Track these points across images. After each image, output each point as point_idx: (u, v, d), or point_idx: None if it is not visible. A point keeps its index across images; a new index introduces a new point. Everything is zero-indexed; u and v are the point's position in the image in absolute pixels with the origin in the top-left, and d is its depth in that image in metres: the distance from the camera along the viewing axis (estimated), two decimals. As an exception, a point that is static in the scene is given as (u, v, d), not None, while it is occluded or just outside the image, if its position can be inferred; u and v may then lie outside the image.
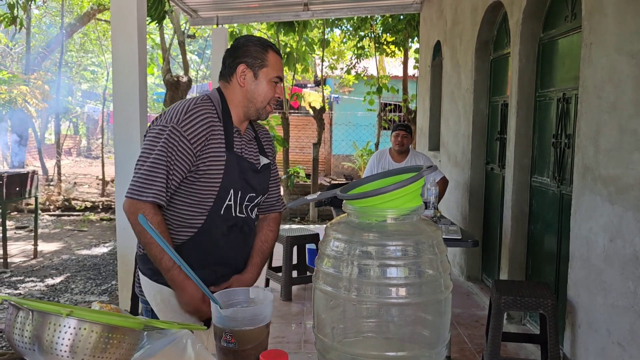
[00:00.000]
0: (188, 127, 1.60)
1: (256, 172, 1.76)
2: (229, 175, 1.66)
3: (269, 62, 1.72)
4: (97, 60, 18.53)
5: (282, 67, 1.79)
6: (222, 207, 1.68)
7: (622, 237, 2.48)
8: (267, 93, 1.73)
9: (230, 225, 1.71)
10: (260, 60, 1.71)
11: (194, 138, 1.60)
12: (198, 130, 1.61)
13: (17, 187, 5.98)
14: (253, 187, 1.75)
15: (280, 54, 1.80)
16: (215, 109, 1.69)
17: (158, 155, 1.59)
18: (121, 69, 3.89)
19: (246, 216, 1.76)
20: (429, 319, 1.20)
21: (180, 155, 1.59)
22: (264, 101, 1.73)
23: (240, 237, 1.76)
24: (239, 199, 1.71)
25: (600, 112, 2.68)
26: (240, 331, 1.23)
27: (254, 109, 1.74)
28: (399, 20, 9.35)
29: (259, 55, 1.71)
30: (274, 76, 1.73)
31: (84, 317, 0.83)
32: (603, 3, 2.67)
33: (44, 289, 5.46)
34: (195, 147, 1.61)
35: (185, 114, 1.61)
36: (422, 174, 1.15)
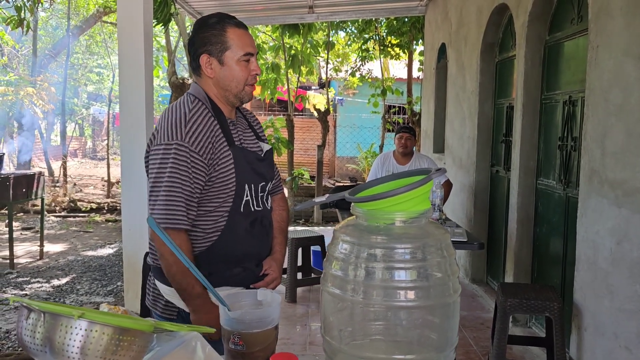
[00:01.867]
0: (193, 140, 1.53)
1: (261, 160, 1.72)
2: (240, 170, 1.61)
3: (231, 41, 1.59)
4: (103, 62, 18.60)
5: (251, 41, 1.64)
6: (242, 204, 1.63)
7: (629, 240, 2.47)
8: (239, 76, 1.62)
9: (252, 220, 1.67)
10: (220, 44, 1.59)
11: (202, 149, 1.54)
12: (203, 139, 1.55)
13: (23, 188, 6.01)
14: (263, 176, 1.71)
15: (244, 25, 1.66)
16: (207, 107, 1.62)
17: (171, 179, 1.51)
18: (127, 71, 3.90)
19: (263, 208, 1.72)
20: (437, 322, 1.20)
21: (193, 172, 1.53)
22: (238, 85, 1.63)
23: (263, 231, 1.73)
24: (253, 192, 1.66)
25: (607, 115, 2.67)
26: (248, 333, 1.24)
27: (232, 95, 1.64)
28: (404, 22, 9.35)
29: (218, 38, 1.59)
30: (241, 55, 1.60)
31: (95, 319, 0.83)
32: (610, 5, 2.67)
33: (50, 289, 5.48)
34: (205, 157, 1.55)
35: (185, 126, 1.53)
36: (431, 177, 1.15)
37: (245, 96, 1.66)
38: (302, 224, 9.12)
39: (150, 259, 1.72)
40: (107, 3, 11.33)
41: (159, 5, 5.62)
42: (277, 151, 9.22)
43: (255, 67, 1.65)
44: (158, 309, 1.69)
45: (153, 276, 1.71)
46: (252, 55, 1.63)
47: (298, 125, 12.92)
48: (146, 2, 3.87)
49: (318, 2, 6.70)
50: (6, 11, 7.90)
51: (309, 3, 6.64)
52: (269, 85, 9.58)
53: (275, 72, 9.46)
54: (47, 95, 10.48)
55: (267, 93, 9.72)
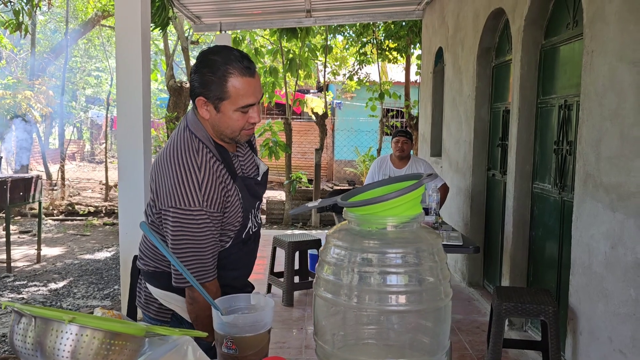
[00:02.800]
0: (209, 203, 1.50)
1: (259, 184, 1.72)
2: (245, 200, 1.62)
3: (231, 91, 1.49)
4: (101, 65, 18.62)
5: (253, 89, 1.52)
6: (245, 230, 1.67)
7: (624, 244, 2.48)
8: (234, 125, 1.54)
9: (246, 239, 1.71)
10: (218, 92, 1.50)
11: (217, 206, 1.53)
12: (217, 197, 1.52)
13: (20, 191, 6.01)
14: (258, 197, 1.73)
15: (251, 71, 1.52)
16: (209, 149, 1.55)
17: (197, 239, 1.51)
18: (125, 75, 3.91)
19: (257, 226, 1.77)
20: (429, 326, 1.20)
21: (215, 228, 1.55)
22: (233, 132, 1.56)
23: (253, 246, 1.78)
24: (252, 215, 1.69)
25: (602, 120, 2.69)
26: (241, 337, 1.24)
27: (227, 137, 1.59)
28: (401, 26, 9.38)
29: (217, 86, 1.49)
30: (240, 106, 1.51)
31: (86, 324, 0.84)
32: (605, 11, 2.69)
33: (47, 293, 5.47)
34: (220, 209, 1.54)
35: (199, 191, 1.49)
36: (422, 182, 1.16)
37: (241, 139, 1.61)
38: (300, 228, 9.12)
39: (140, 263, 1.73)
40: (106, 7, 11.35)
41: (157, 9, 5.63)
42: (274, 155, 9.24)
43: (254, 115, 1.56)
44: (151, 312, 1.71)
45: (145, 280, 1.72)
46: (253, 105, 1.54)
47: (296, 128, 12.94)
48: (143, 6, 3.88)
49: (316, 6, 6.72)
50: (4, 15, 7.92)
51: (306, 7, 6.66)
52: (267, 89, 9.60)
53: (273, 75, 9.47)
54: (45, 99, 10.49)
55: (265, 96, 9.73)
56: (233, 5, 6.53)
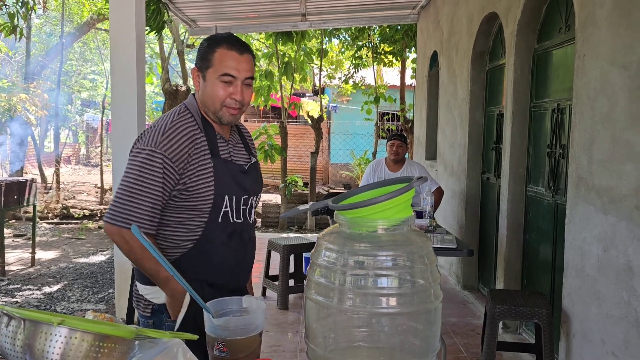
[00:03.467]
0: (167, 147, 1.57)
1: (245, 172, 1.73)
2: (220, 181, 1.63)
3: (215, 60, 1.62)
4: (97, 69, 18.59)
5: (237, 64, 1.62)
6: (220, 214, 1.65)
7: (616, 247, 2.49)
8: (215, 94, 1.63)
9: (230, 232, 1.69)
10: (206, 61, 1.63)
11: (175, 157, 1.57)
12: (178, 148, 1.58)
13: (15, 195, 5.99)
14: (245, 189, 1.71)
15: (240, 47, 1.64)
16: (194, 119, 1.66)
17: (137, 180, 1.56)
18: (119, 79, 3.91)
19: (244, 221, 1.73)
20: (420, 329, 1.21)
21: (161, 177, 1.56)
22: (214, 103, 1.64)
23: (241, 244, 1.74)
24: (234, 203, 1.68)
25: (594, 123, 2.71)
26: (233, 340, 1.24)
27: (210, 112, 1.66)
28: (397, 30, 9.41)
29: (206, 55, 1.63)
30: (220, 74, 1.61)
31: (75, 326, 0.84)
32: (596, 15, 2.71)
33: (41, 297, 5.45)
34: (178, 164, 1.58)
35: (162, 134, 1.58)
36: (412, 185, 1.16)
37: (223, 117, 1.66)
38: (295, 231, 9.12)
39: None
40: (101, 10, 11.34)
41: (152, 12, 5.64)
42: (270, 158, 9.23)
43: (237, 92, 1.63)
44: (140, 309, 1.74)
45: (135, 277, 1.76)
46: (234, 78, 1.62)
47: (292, 132, 12.95)
48: (138, 10, 3.89)
49: (311, 10, 6.74)
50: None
51: (302, 11, 6.68)
52: (263, 92, 9.60)
53: (269, 79, 9.48)
54: (40, 102, 10.45)
55: (261, 100, 9.73)
56: (228, 9, 6.55)
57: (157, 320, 1.70)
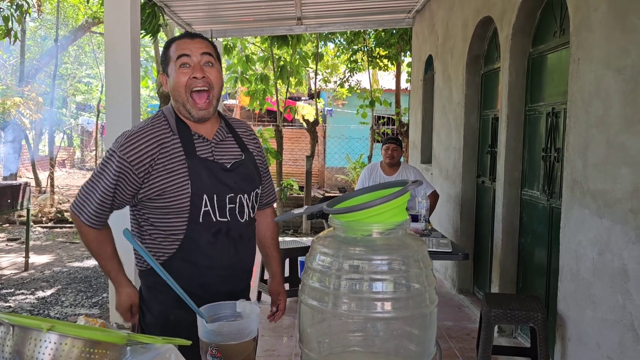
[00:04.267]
0: (128, 151, 1.61)
1: (228, 170, 1.71)
2: (197, 181, 1.63)
3: (171, 53, 1.67)
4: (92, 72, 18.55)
5: (188, 45, 1.66)
6: (200, 214, 1.65)
7: (611, 250, 2.49)
8: (177, 82, 1.65)
9: (215, 231, 1.68)
10: (166, 59, 1.70)
11: (134, 162, 1.61)
12: (138, 154, 1.61)
13: (8, 199, 5.95)
14: (229, 187, 1.70)
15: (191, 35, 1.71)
16: (168, 123, 1.68)
17: (96, 179, 1.66)
18: (114, 82, 3.90)
19: (230, 220, 1.70)
20: (415, 333, 1.20)
21: (114, 179, 1.62)
22: (180, 93, 1.65)
23: (229, 243, 1.71)
24: (216, 202, 1.67)
25: (589, 127, 2.71)
26: (226, 345, 1.23)
27: (182, 107, 1.67)
28: (392, 34, 9.43)
29: (164, 55, 1.71)
30: (174, 60, 1.66)
31: (65, 332, 0.83)
32: (590, 19, 2.72)
33: (35, 301, 5.41)
34: (138, 170, 1.61)
35: (127, 138, 1.63)
36: (406, 189, 1.16)
37: (192, 111, 1.67)
38: (291, 235, 9.10)
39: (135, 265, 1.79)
40: (96, 14, 11.32)
41: (148, 16, 5.63)
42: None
43: (197, 70, 1.64)
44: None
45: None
46: (188, 57, 1.64)
47: (287, 135, 12.94)
48: (133, 13, 3.88)
49: (306, 14, 6.74)
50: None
51: (297, 15, 6.68)
52: (258, 96, 9.60)
53: (264, 82, 9.48)
54: (34, 105, 10.42)
55: (256, 104, 9.73)
56: (224, 12, 6.54)
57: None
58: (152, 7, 5.64)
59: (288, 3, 6.10)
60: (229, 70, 9.76)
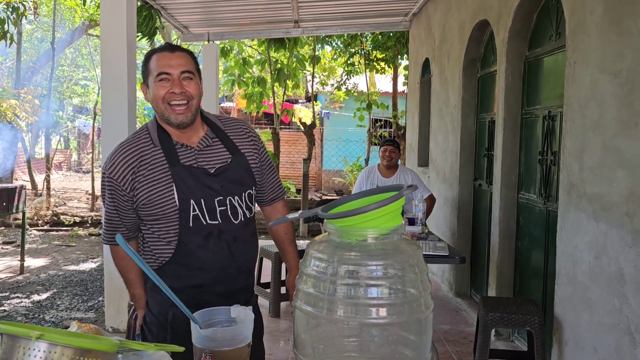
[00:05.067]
0: (112, 171, 1.70)
1: (212, 175, 1.71)
2: (182, 187, 1.67)
3: (151, 66, 1.70)
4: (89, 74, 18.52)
5: (168, 61, 1.68)
6: (189, 219, 1.68)
7: (607, 254, 2.49)
8: (156, 96, 1.69)
9: (206, 234, 1.70)
10: (145, 71, 1.73)
11: (119, 178, 1.69)
12: (120, 170, 1.69)
13: (4, 202, 5.92)
14: (216, 191, 1.70)
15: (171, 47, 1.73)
16: (148, 134, 1.74)
17: (105, 201, 1.77)
18: (110, 85, 3.89)
19: (222, 222, 1.71)
20: (410, 339, 1.19)
21: (117, 197, 1.72)
22: (159, 105, 1.69)
23: (222, 245, 1.72)
24: (204, 206, 1.68)
25: (585, 130, 2.71)
26: (220, 351, 1.22)
27: (160, 115, 1.71)
28: (389, 37, 9.44)
29: (144, 66, 1.74)
30: (155, 76, 1.68)
31: (54, 340, 0.81)
32: (586, 23, 2.72)
33: (30, 305, 5.38)
34: (123, 184, 1.70)
35: (110, 158, 1.72)
36: (401, 194, 1.15)
37: (171, 118, 1.69)
38: (288, 238, 9.08)
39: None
40: (93, 16, 11.31)
41: (144, 18, 5.62)
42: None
43: (175, 85, 1.67)
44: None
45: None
46: (168, 75, 1.67)
47: (284, 138, 12.93)
48: (129, 16, 3.87)
49: (304, 17, 6.74)
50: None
51: (294, 18, 6.69)
52: (255, 99, 9.59)
53: (261, 85, 9.47)
54: (31, 108, 10.39)
55: (253, 106, 9.72)
56: (221, 15, 6.54)
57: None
58: (148, 10, 5.63)
59: (285, 6, 6.10)
60: (226, 73, 9.75)
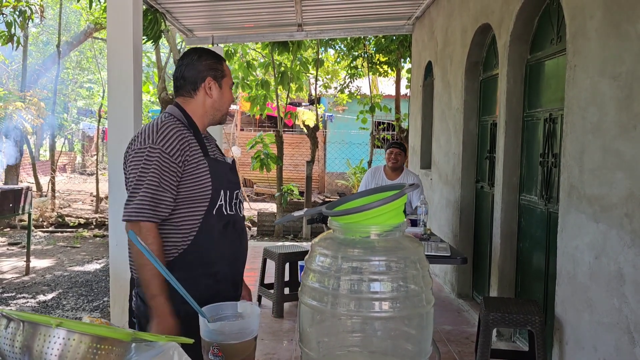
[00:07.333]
0: (164, 143, 1.71)
1: (232, 169, 1.90)
2: (216, 178, 1.79)
3: (226, 71, 1.91)
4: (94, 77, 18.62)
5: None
6: (215, 208, 1.79)
7: (607, 254, 2.52)
8: (229, 98, 1.92)
9: (225, 223, 1.82)
10: (220, 72, 1.89)
11: (172, 151, 1.71)
12: (174, 143, 1.72)
13: (10, 203, 5.98)
14: (235, 183, 1.89)
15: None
16: (181, 122, 1.81)
17: (146, 177, 1.68)
18: (116, 87, 3.93)
19: (235, 213, 1.87)
20: (412, 333, 1.23)
21: (166, 171, 1.70)
22: (228, 106, 1.93)
23: (235, 234, 1.87)
24: (228, 197, 1.83)
25: (585, 133, 2.75)
26: (228, 345, 1.26)
27: (220, 115, 1.91)
28: (392, 40, 9.49)
29: (218, 67, 1.89)
30: (231, 83, 1.93)
31: (73, 328, 0.86)
32: (586, 27, 2.76)
33: (36, 305, 5.43)
34: (176, 158, 1.72)
35: (157, 132, 1.72)
36: (403, 192, 1.19)
37: (225, 119, 1.97)
38: (291, 239, 9.13)
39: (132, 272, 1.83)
40: (98, 19, 11.39)
41: (149, 22, 5.68)
42: (266, 167, 9.25)
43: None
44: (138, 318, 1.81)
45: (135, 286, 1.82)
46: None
47: (287, 141, 12.99)
48: (135, 19, 3.92)
49: (307, 20, 6.79)
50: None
51: (298, 21, 6.74)
52: (259, 102, 9.64)
53: (265, 88, 9.52)
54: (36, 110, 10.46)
55: (257, 109, 9.77)
56: (225, 19, 6.59)
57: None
58: (154, 14, 5.69)
59: (289, 9, 6.15)
60: (229, 75, 9.79)
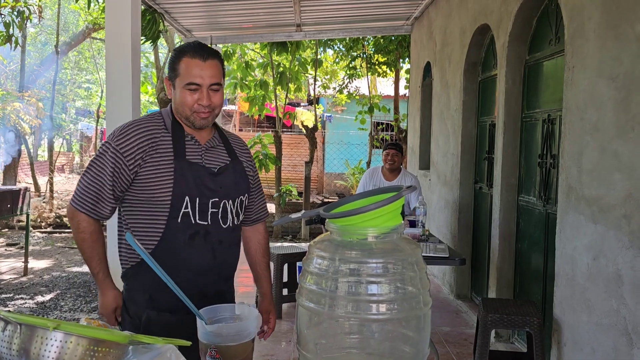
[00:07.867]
0: (121, 143, 1.68)
1: (214, 175, 1.75)
2: (181, 183, 1.68)
3: (181, 69, 1.71)
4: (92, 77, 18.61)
5: (201, 71, 1.70)
6: (179, 215, 1.69)
7: (605, 256, 2.52)
8: (183, 102, 1.71)
9: (192, 233, 1.71)
10: (174, 71, 1.73)
11: (127, 152, 1.67)
12: (130, 146, 1.67)
13: (8, 204, 5.97)
14: (214, 192, 1.73)
15: (204, 53, 1.72)
16: (162, 121, 1.76)
17: (93, 171, 1.70)
18: (115, 88, 3.93)
19: (210, 224, 1.73)
20: (409, 335, 1.23)
21: (113, 170, 1.67)
22: (184, 109, 1.72)
23: (206, 246, 1.73)
24: (197, 205, 1.70)
25: (583, 134, 2.75)
26: (225, 347, 1.26)
27: (183, 117, 1.75)
28: (391, 41, 9.50)
29: (174, 65, 1.73)
30: (185, 83, 1.70)
31: (70, 331, 0.86)
32: (584, 28, 2.76)
33: (34, 306, 5.42)
34: (129, 160, 1.67)
35: (121, 130, 1.71)
36: (400, 195, 1.19)
37: (195, 121, 1.74)
38: (289, 240, 9.13)
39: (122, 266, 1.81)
40: (97, 20, 11.39)
41: (148, 22, 5.68)
42: (264, 167, 9.24)
43: (203, 97, 1.70)
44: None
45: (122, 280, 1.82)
46: (198, 86, 1.69)
47: (286, 141, 12.99)
48: (134, 20, 3.92)
49: (306, 21, 6.79)
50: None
51: (296, 21, 6.74)
52: (257, 102, 9.64)
53: (264, 88, 9.52)
54: (34, 111, 10.45)
55: (255, 109, 9.77)
56: (223, 19, 6.59)
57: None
58: (152, 14, 5.69)
59: (287, 10, 6.16)
60: (228, 76, 9.80)
